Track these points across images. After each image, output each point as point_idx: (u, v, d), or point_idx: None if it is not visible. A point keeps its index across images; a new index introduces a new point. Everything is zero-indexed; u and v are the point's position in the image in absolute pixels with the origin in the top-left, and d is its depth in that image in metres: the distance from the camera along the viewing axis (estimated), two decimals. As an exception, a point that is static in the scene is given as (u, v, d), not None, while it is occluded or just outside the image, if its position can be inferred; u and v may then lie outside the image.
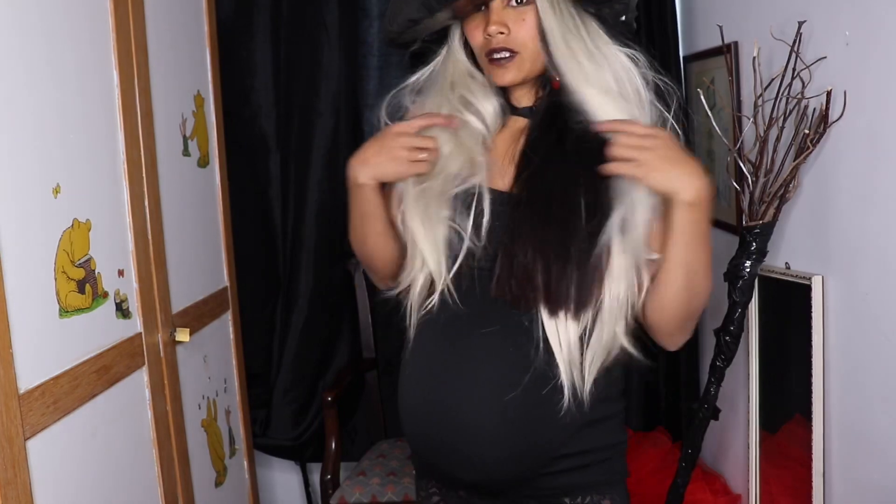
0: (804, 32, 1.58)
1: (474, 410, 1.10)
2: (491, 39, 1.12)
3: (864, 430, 1.52)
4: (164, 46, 1.66)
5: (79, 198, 1.28)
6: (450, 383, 1.12)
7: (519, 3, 1.12)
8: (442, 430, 1.13)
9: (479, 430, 1.10)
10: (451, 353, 1.13)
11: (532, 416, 1.10)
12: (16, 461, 1.08)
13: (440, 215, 1.12)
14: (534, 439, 1.11)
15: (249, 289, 2.28)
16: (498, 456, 1.11)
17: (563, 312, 1.07)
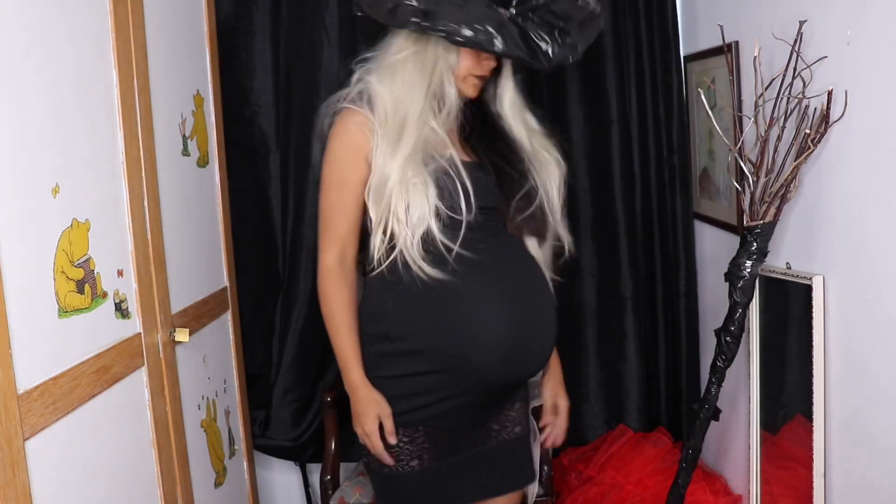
0: (804, 32, 1.58)
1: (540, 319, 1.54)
2: (485, 67, 1.54)
3: (865, 431, 1.51)
4: (163, 46, 1.66)
5: (78, 198, 1.28)
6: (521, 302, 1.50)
7: None
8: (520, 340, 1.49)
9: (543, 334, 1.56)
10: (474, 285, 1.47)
11: (535, 326, 1.53)
12: (14, 462, 1.08)
13: (428, 184, 1.45)
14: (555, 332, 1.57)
15: (249, 289, 2.28)
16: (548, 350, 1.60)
17: (545, 239, 1.59)
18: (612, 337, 2.41)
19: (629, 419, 2.41)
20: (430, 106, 1.50)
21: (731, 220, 2.04)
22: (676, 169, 2.29)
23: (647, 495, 2.13)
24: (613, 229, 2.35)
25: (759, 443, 1.91)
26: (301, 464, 2.51)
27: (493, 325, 1.46)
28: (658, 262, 2.38)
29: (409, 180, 1.44)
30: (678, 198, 2.30)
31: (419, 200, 1.43)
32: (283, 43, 2.29)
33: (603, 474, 2.22)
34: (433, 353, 1.49)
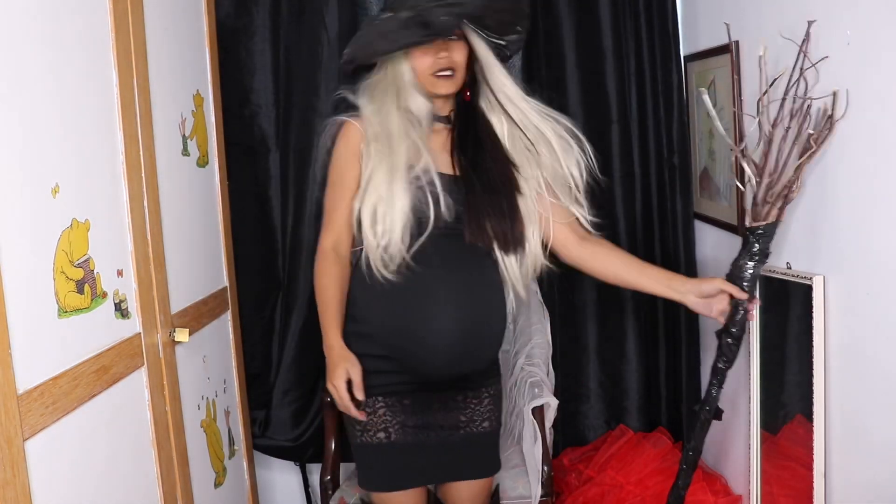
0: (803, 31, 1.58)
1: (472, 322, 1.63)
2: (440, 62, 1.62)
3: (865, 431, 1.51)
4: (163, 46, 1.66)
5: (78, 198, 1.27)
6: (465, 303, 1.63)
7: (455, 37, 1.63)
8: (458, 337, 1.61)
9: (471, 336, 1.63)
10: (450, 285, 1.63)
11: (494, 322, 1.67)
12: (14, 462, 1.07)
13: (404, 191, 1.58)
14: (496, 339, 1.69)
15: (249, 289, 2.28)
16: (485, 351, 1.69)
17: (511, 251, 1.66)
18: (612, 337, 2.41)
19: (629, 419, 2.41)
20: (407, 119, 1.64)
21: (732, 220, 2.04)
22: (676, 169, 2.29)
23: (647, 495, 2.13)
24: (613, 229, 2.34)
25: (759, 443, 1.91)
26: (301, 464, 2.50)
27: (435, 325, 1.61)
28: (658, 262, 2.37)
29: (383, 193, 1.59)
30: (678, 198, 2.30)
31: (388, 213, 1.59)
32: (283, 43, 2.29)
33: (603, 474, 2.22)
34: (384, 341, 1.66)
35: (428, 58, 1.63)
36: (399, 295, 1.62)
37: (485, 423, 1.73)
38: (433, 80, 1.65)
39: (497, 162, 1.68)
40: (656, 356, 2.42)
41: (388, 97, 1.65)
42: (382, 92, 1.66)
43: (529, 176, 1.68)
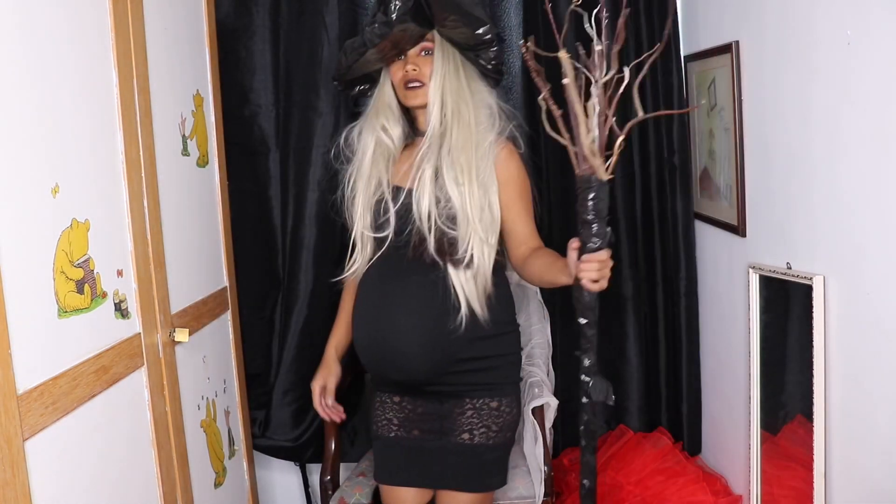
0: (803, 32, 1.58)
1: (401, 332, 1.72)
2: (408, 74, 1.76)
3: (865, 431, 1.51)
4: (163, 46, 1.66)
5: (77, 198, 1.27)
6: (386, 316, 1.74)
7: (426, 53, 1.76)
8: (381, 346, 1.75)
9: (404, 345, 1.72)
10: (385, 296, 1.75)
11: (437, 333, 1.71)
12: (14, 462, 1.07)
13: (365, 215, 1.78)
14: (440, 348, 1.71)
15: (249, 289, 2.28)
16: (416, 360, 1.72)
17: (461, 266, 1.70)
18: (612, 337, 2.41)
19: (629, 419, 2.41)
20: (382, 140, 1.80)
21: (732, 220, 2.04)
22: (676, 169, 2.29)
23: (647, 495, 2.13)
24: (613, 229, 2.33)
25: (760, 443, 1.91)
26: (301, 464, 2.50)
27: (359, 330, 1.81)
28: (658, 262, 2.38)
29: (351, 204, 1.81)
30: (678, 198, 2.30)
31: (355, 222, 1.80)
32: (283, 43, 2.29)
33: (603, 474, 2.22)
34: (357, 348, 1.84)
35: (399, 71, 1.78)
36: (360, 305, 1.81)
37: (464, 434, 1.75)
38: (404, 92, 1.78)
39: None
40: (656, 356, 2.42)
41: (369, 118, 1.83)
42: (367, 113, 1.85)
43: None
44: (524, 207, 1.77)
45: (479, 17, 1.73)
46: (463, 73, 1.78)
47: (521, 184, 1.77)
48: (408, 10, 1.71)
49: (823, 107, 1.57)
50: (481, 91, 1.80)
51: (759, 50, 1.83)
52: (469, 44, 1.77)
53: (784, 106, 1.74)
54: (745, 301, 1.95)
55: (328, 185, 2.29)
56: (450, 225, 1.71)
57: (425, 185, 1.72)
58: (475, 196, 1.71)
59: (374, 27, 1.73)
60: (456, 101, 1.75)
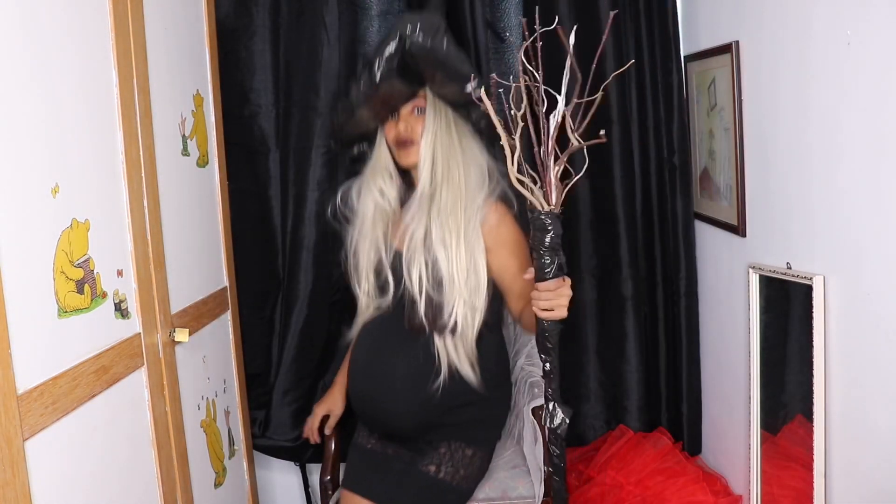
0: (803, 32, 1.58)
1: (390, 392, 1.79)
2: (400, 133, 1.79)
3: (865, 431, 1.51)
4: (163, 45, 1.66)
5: (77, 198, 1.27)
6: (378, 374, 1.81)
7: (419, 112, 1.79)
8: (371, 403, 1.84)
9: (392, 404, 1.79)
10: (379, 355, 1.83)
11: (425, 397, 1.76)
12: (14, 462, 1.07)
13: (369, 278, 1.86)
14: (426, 410, 1.77)
15: (249, 289, 2.28)
16: (403, 420, 1.80)
17: (446, 331, 1.74)
18: (612, 337, 2.41)
19: (629, 419, 2.41)
20: (380, 201, 1.85)
21: (732, 220, 2.04)
22: (676, 169, 2.29)
23: (647, 495, 2.13)
24: (613, 229, 2.34)
25: (759, 443, 1.91)
26: (301, 464, 2.50)
27: (353, 382, 1.88)
28: (658, 262, 2.38)
29: (355, 269, 1.88)
30: (678, 198, 2.30)
31: (360, 283, 1.87)
32: (283, 43, 2.29)
33: (603, 474, 2.22)
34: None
35: (392, 130, 1.82)
36: (355, 360, 1.89)
37: (432, 465, 1.79)
38: (398, 151, 1.82)
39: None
40: (656, 356, 2.42)
41: (367, 180, 1.87)
42: (365, 174, 1.89)
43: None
44: (520, 266, 1.74)
45: (467, 74, 1.71)
46: (455, 131, 1.79)
47: (515, 244, 1.76)
48: (392, 68, 1.72)
49: (823, 107, 1.57)
50: (473, 149, 1.79)
51: (759, 50, 1.83)
52: (459, 101, 1.76)
53: (784, 106, 1.74)
54: (745, 301, 1.95)
55: (328, 185, 2.30)
56: (437, 290, 1.73)
57: (415, 249, 1.74)
58: (462, 259, 1.71)
59: (361, 90, 1.77)
60: (446, 161, 1.76)
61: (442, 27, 1.70)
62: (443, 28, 1.70)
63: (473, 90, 1.50)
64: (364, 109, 1.80)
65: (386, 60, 1.72)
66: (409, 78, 1.75)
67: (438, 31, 1.69)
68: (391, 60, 1.71)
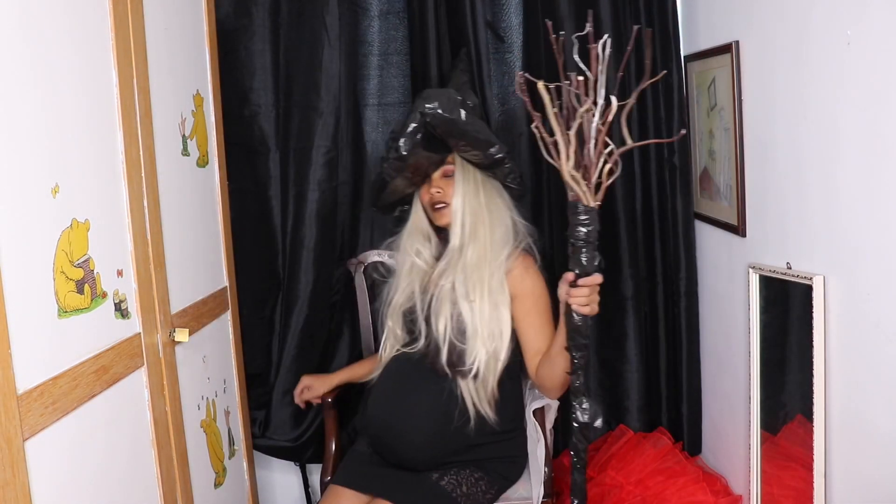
0: (803, 32, 1.58)
1: (409, 421, 1.87)
2: (433, 196, 1.94)
3: (865, 431, 1.51)
4: (163, 46, 1.66)
5: (77, 198, 1.27)
6: (398, 409, 1.90)
7: (448, 176, 1.94)
8: (388, 433, 1.90)
9: (408, 439, 1.86)
10: (399, 391, 1.93)
11: (441, 436, 1.85)
12: (14, 462, 1.07)
13: (398, 322, 1.99)
14: (440, 448, 1.86)
15: (249, 289, 2.28)
16: (417, 455, 1.87)
17: (468, 377, 1.85)
18: (612, 337, 2.41)
19: (629, 419, 2.41)
20: (416, 254, 1.99)
21: (732, 220, 2.04)
22: (676, 169, 2.29)
23: (647, 495, 2.13)
24: (613, 229, 2.34)
25: (759, 443, 1.91)
26: (301, 464, 2.50)
27: (372, 410, 1.94)
28: (658, 262, 2.38)
29: (385, 312, 2.02)
30: (678, 198, 2.30)
31: (389, 324, 2.01)
32: (283, 43, 2.29)
33: (603, 474, 2.22)
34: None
35: (426, 194, 1.97)
36: (378, 390, 1.98)
37: (436, 474, 1.84)
38: (433, 213, 1.97)
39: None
40: (656, 356, 2.42)
41: (405, 240, 2.03)
42: (404, 233, 2.05)
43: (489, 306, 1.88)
44: (538, 319, 1.87)
45: (487, 140, 1.85)
46: (483, 191, 1.93)
47: (537, 297, 1.88)
48: (416, 143, 1.87)
49: (823, 107, 1.57)
50: (500, 209, 1.94)
51: (759, 50, 1.83)
52: (483, 164, 1.90)
53: (784, 106, 1.74)
54: (745, 301, 1.95)
55: (328, 185, 2.30)
56: (460, 338, 1.85)
57: (443, 301, 1.87)
58: (485, 312, 1.84)
59: (390, 162, 1.92)
60: (473, 222, 1.89)
61: (459, 101, 1.83)
62: (459, 101, 1.83)
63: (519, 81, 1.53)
64: (398, 179, 1.95)
65: (409, 136, 1.87)
66: (435, 147, 1.89)
67: (456, 104, 1.82)
68: (414, 135, 1.86)
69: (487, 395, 1.86)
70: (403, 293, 1.99)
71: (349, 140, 2.32)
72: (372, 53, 2.36)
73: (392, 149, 1.91)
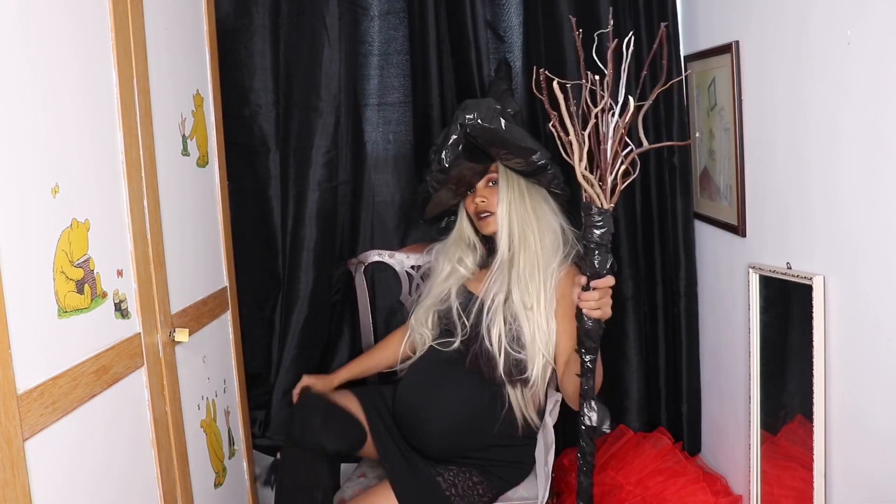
0: (803, 32, 1.58)
1: (436, 410, 1.89)
2: (478, 206, 1.97)
3: (865, 431, 1.51)
4: (163, 46, 1.66)
5: (77, 198, 1.27)
6: (429, 396, 1.92)
7: (493, 184, 1.96)
8: (413, 413, 1.93)
9: (434, 420, 1.89)
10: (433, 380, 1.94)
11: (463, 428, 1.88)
12: (14, 462, 1.07)
13: (428, 320, 2.04)
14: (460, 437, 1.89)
15: (249, 289, 2.28)
16: (436, 441, 1.90)
17: (518, 383, 1.88)
18: (612, 337, 2.41)
19: (629, 419, 2.41)
20: (459, 262, 2.04)
21: (732, 220, 2.04)
22: (676, 169, 2.29)
23: (647, 495, 2.13)
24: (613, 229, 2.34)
25: (759, 443, 1.91)
26: (301, 464, 2.50)
27: (401, 397, 1.97)
28: (658, 262, 2.38)
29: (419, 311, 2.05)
30: (678, 198, 2.30)
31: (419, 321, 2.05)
32: (283, 43, 2.30)
33: (603, 474, 2.22)
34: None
35: (471, 204, 2.00)
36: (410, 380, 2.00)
37: (432, 470, 1.86)
38: (478, 222, 1.99)
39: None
40: (656, 356, 2.42)
41: (448, 247, 2.07)
42: (449, 241, 2.09)
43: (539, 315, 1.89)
44: (570, 325, 1.86)
45: (529, 147, 1.84)
46: (528, 198, 1.93)
47: (572, 303, 1.82)
48: (458, 154, 1.88)
49: (823, 106, 1.57)
50: (547, 215, 1.94)
51: (759, 50, 1.83)
52: (527, 171, 1.90)
53: (784, 106, 1.74)
54: (745, 301, 1.95)
55: (328, 185, 2.30)
56: (516, 348, 1.86)
57: (496, 311, 1.87)
58: (542, 321, 1.85)
59: (433, 175, 1.95)
60: (522, 229, 1.90)
61: (498, 110, 1.83)
62: (499, 111, 1.83)
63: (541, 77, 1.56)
64: (443, 191, 1.98)
65: (451, 147, 1.88)
66: (478, 157, 1.90)
67: (496, 114, 1.83)
68: (455, 147, 1.88)
69: (536, 401, 1.90)
70: (437, 296, 2.02)
71: (349, 140, 2.32)
72: (372, 53, 2.37)
73: (435, 161, 1.93)
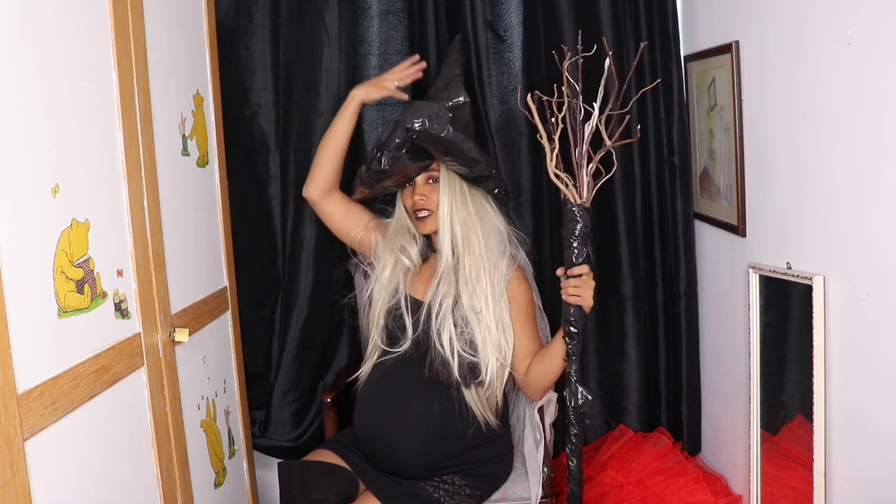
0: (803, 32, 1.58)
1: (401, 429, 1.83)
2: (416, 203, 1.89)
3: (865, 431, 1.51)
4: (163, 46, 1.66)
5: (77, 198, 1.27)
6: (389, 413, 1.85)
7: (433, 181, 1.89)
8: (379, 440, 1.85)
9: (402, 440, 1.82)
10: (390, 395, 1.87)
11: (436, 441, 1.83)
12: (14, 462, 1.07)
13: (381, 320, 1.92)
14: (433, 454, 1.84)
15: (249, 289, 2.27)
16: (411, 461, 1.84)
17: (474, 385, 1.84)
18: (611, 336, 2.41)
19: (629, 419, 2.41)
20: (401, 251, 1.93)
21: (732, 220, 2.04)
22: (676, 169, 2.29)
23: (647, 495, 2.13)
24: (613, 229, 2.34)
25: (759, 443, 1.91)
26: (301, 464, 2.50)
27: (360, 418, 1.90)
28: (658, 262, 2.38)
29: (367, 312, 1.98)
30: (678, 198, 2.30)
31: (371, 327, 1.95)
32: (283, 43, 2.29)
33: (603, 474, 2.22)
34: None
35: (409, 198, 1.92)
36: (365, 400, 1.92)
37: (422, 481, 1.84)
38: (415, 221, 1.92)
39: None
40: (656, 356, 2.42)
41: (388, 238, 1.96)
42: (390, 231, 1.98)
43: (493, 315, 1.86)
44: (529, 322, 1.90)
45: (473, 158, 1.80)
46: (470, 199, 1.88)
47: (528, 301, 1.91)
48: (400, 155, 1.81)
49: (823, 106, 1.57)
50: (490, 217, 1.90)
51: (759, 50, 1.83)
52: (468, 177, 1.86)
53: (784, 106, 1.74)
54: (745, 301, 1.95)
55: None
56: (469, 351, 1.82)
57: (444, 316, 1.82)
58: (492, 323, 1.82)
59: (371, 174, 1.87)
60: (465, 231, 1.85)
61: (449, 118, 1.78)
62: (449, 118, 1.78)
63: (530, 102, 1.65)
64: (383, 182, 1.90)
65: (393, 150, 1.81)
66: (419, 156, 1.84)
67: (446, 122, 1.77)
68: (399, 149, 1.81)
69: (492, 402, 1.87)
70: (387, 291, 1.92)
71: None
72: (372, 53, 2.36)
73: (374, 160, 1.86)
